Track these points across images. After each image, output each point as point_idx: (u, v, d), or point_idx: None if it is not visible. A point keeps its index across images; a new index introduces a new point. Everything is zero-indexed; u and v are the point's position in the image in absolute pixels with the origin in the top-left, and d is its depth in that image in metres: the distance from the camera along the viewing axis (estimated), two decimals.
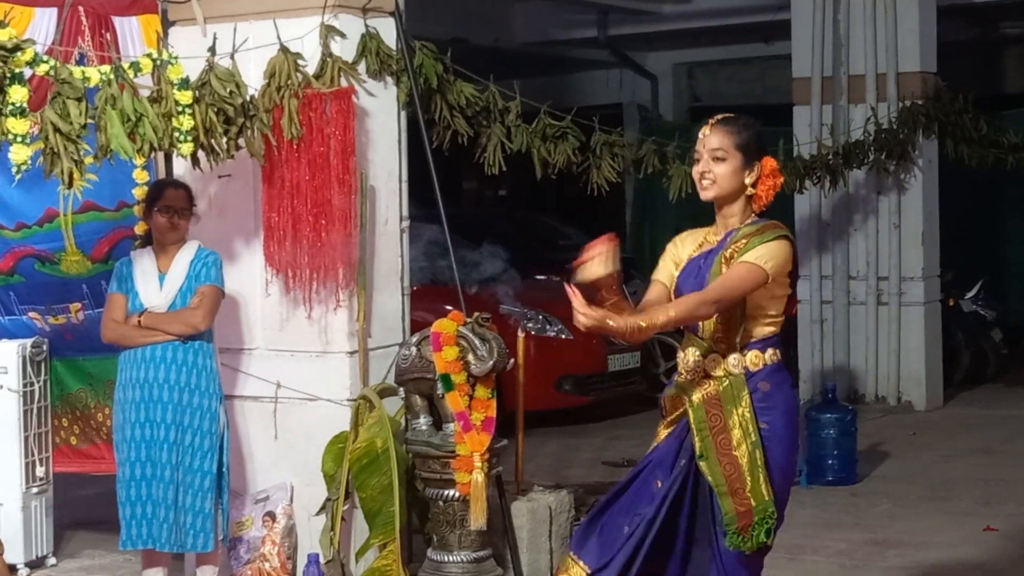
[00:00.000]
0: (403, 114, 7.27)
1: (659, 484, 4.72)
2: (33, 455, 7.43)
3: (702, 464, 4.63)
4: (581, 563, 4.76)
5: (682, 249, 4.90)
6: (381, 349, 7.09)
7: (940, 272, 12.81)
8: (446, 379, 6.62)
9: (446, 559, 6.74)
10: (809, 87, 12.62)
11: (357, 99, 6.86)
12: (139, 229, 7.14)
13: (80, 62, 6.57)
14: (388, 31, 7.12)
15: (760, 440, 4.60)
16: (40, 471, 7.48)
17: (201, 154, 6.37)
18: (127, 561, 7.57)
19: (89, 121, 5.84)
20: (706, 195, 4.79)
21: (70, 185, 5.84)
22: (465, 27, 14.87)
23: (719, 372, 4.68)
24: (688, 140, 10.27)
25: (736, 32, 16.27)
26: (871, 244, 12.57)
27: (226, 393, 7.12)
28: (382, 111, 7.12)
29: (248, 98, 6.55)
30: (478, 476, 6.54)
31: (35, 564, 7.48)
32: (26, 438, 7.38)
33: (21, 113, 5.53)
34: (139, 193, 7.15)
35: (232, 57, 6.56)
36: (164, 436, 6.55)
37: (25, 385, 7.35)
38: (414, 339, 6.87)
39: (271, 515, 6.97)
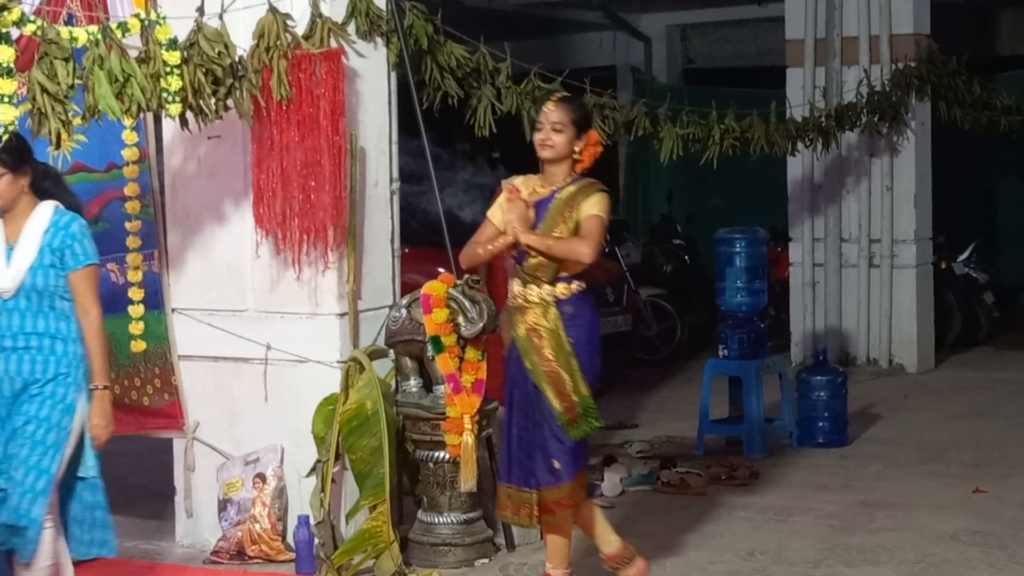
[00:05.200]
0: (393, 75, 7.24)
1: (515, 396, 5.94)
2: None
3: (533, 378, 5.82)
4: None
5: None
6: (371, 311, 7.08)
7: (932, 235, 12.81)
8: (436, 341, 6.63)
9: (436, 520, 6.77)
10: (802, 49, 12.59)
11: (347, 60, 6.82)
12: None
13: (68, 22, 6.54)
14: None
15: (572, 350, 5.80)
16: None
17: (190, 115, 6.35)
18: (133, 520, 7.59)
19: (77, 82, 5.81)
20: (544, 155, 5.93)
21: (58, 146, 5.82)
22: None
23: (535, 299, 5.84)
24: (681, 103, 10.27)
25: None
26: (863, 207, 12.56)
27: (217, 355, 7.14)
28: (372, 72, 7.08)
29: (237, 59, 6.52)
30: (468, 438, 6.56)
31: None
32: None
33: (8, 73, 5.51)
34: (128, 154, 7.12)
35: (221, 17, 6.51)
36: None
37: None
38: (404, 301, 6.87)
39: (261, 477, 6.97)
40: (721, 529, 7.44)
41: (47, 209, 5.56)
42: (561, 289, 5.84)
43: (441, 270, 7.27)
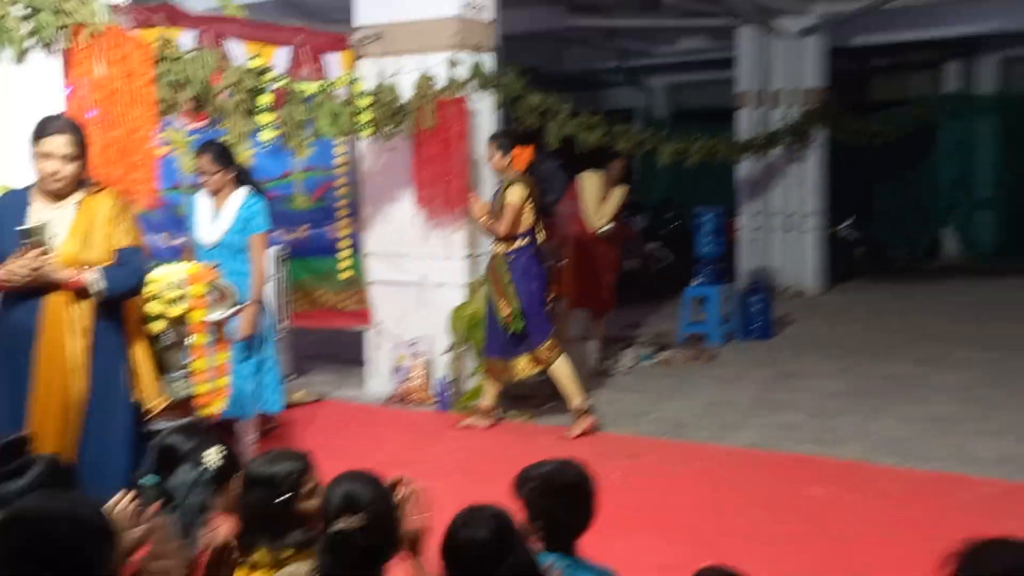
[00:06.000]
0: (497, 113, 7.17)
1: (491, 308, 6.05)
2: (281, 313, 7.46)
3: (491, 298, 5.99)
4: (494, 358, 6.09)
5: None
6: (481, 255, 7.05)
7: (827, 210, 12.54)
8: None
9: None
10: (747, 97, 12.32)
11: (469, 104, 6.77)
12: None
13: (304, 80, 6.52)
14: (489, 61, 6.99)
15: (510, 281, 5.93)
16: (285, 322, 7.53)
17: (375, 137, 6.34)
18: (341, 378, 7.65)
19: (308, 117, 5.82)
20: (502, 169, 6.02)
21: (298, 154, 5.85)
22: (535, 59, 14.59)
23: (495, 251, 6.03)
24: (671, 132, 10.09)
25: (702, 64, 15.88)
26: (784, 193, 12.32)
27: (392, 280, 7.14)
28: (484, 111, 7.02)
29: (403, 103, 6.50)
30: None
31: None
32: (277, 304, 7.41)
33: (269, 111, 5.53)
34: (339, 160, 7.13)
35: (393, 77, 6.48)
36: None
37: (276, 274, 7.38)
38: None
39: (418, 353, 7.00)
40: (692, 389, 7.38)
41: (242, 192, 5.31)
42: (506, 246, 5.97)
43: None
